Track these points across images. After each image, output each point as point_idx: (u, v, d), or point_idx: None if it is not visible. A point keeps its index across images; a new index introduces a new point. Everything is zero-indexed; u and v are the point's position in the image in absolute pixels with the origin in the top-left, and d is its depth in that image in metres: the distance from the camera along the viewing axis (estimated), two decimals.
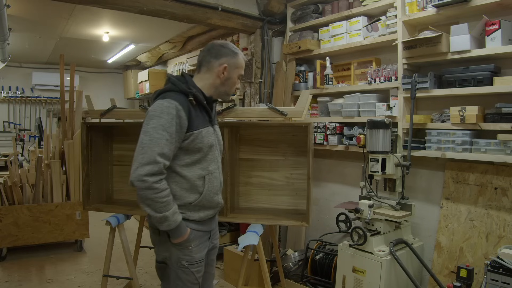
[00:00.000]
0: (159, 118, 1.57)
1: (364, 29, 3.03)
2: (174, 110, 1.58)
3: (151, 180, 1.52)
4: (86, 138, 2.66)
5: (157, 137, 1.54)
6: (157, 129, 1.55)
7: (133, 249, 2.91)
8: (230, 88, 1.79)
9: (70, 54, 6.05)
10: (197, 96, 1.67)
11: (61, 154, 4.23)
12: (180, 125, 1.61)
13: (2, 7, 3.47)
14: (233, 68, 1.76)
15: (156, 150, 1.53)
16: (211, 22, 3.72)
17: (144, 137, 1.56)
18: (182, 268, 1.69)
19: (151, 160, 1.52)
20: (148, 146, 1.54)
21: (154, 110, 1.59)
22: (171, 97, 1.61)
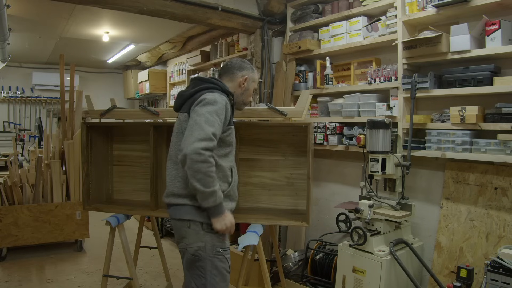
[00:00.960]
0: (213, 105, 1.73)
1: (364, 29, 3.03)
2: (224, 102, 1.79)
3: (207, 154, 1.63)
4: (86, 138, 2.66)
5: (211, 119, 1.69)
6: (212, 113, 1.71)
7: (133, 249, 2.91)
8: (246, 98, 2.05)
9: (70, 54, 6.05)
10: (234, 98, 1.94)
11: (61, 154, 4.23)
12: (226, 116, 1.79)
13: (2, 7, 3.47)
14: (251, 81, 2.02)
15: (211, 129, 1.66)
16: (211, 22, 3.72)
17: (199, 118, 1.69)
18: (218, 255, 1.79)
19: (207, 137, 1.64)
20: (204, 125, 1.67)
21: (207, 101, 1.75)
22: (219, 93, 1.83)
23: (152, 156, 2.53)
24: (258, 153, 2.66)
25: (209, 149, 1.65)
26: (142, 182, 2.82)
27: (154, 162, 2.54)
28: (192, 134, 1.65)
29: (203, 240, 1.75)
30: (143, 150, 2.80)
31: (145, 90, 6.82)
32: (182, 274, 3.55)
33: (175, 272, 3.58)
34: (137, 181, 2.86)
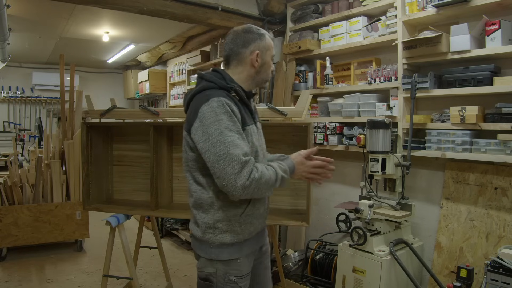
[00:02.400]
0: (218, 122, 1.39)
1: (364, 29, 3.03)
2: (226, 107, 1.42)
3: (252, 177, 1.38)
4: (86, 138, 2.66)
5: (229, 140, 1.38)
6: (224, 133, 1.38)
7: (133, 249, 2.91)
8: (267, 73, 1.63)
9: (70, 54, 6.05)
10: (239, 91, 1.52)
11: (61, 154, 4.23)
12: (237, 120, 1.45)
13: (2, 7, 3.47)
14: (265, 51, 1.58)
15: (238, 152, 1.37)
16: (211, 22, 3.72)
17: (217, 149, 1.38)
18: (230, 283, 1.54)
19: (242, 164, 1.37)
20: (228, 153, 1.37)
21: (208, 117, 1.40)
22: (214, 95, 1.44)
23: (152, 156, 2.53)
24: None
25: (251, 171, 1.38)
26: (142, 182, 2.82)
27: (154, 162, 2.54)
28: (226, 172, 1.36)
29: (215, 266, 1.54)
30: (143, 150, 2.80)
31: (145, 90, 6.82)
32: (182, 274, 3.56)
33: (175, 272, 3.58)
34: (137, 181, 2.86)
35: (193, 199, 1.56)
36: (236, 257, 1.54)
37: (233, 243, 1.53)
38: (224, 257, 1.53)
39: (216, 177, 1.40)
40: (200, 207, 1.54)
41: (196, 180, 1.54)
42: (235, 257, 1.54)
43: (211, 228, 1.52)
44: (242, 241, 1.55)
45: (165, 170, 2.71)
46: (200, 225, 1.55)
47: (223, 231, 1.52)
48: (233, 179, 1.36)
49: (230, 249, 1.53)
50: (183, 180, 2.78)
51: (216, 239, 1.52)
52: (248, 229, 1.56)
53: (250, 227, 1.57)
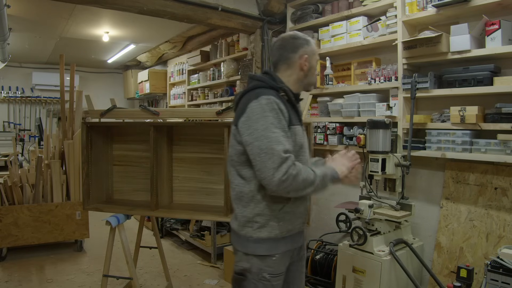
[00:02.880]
0: (265, 118, 1.46)
1: (364, 29, 3.03)
2: (274, 105, 1.49)
3: (289, 172, 1.42)
4: (86, 138, 2.66)
5: (273, 136, 1.44)
6: (269, 129, 1.45)
7: (133, 249, 2.91)
8: (314, 77, 1.71)
9: (70, 54, 6.05)
10: (288, 92, 1.60)
11: (61, 154, 4.23)
12: (284, 118, 1.51)
13: (2, 7, 3.47)
14: (312, 56, 1.67)
15: (280, 148, 1.43)
16: (211, 22, 3.72)
17: (260, 143, 1.44)
18: (263, 280, 1.57)
19: (282, 160, 1.42)
20: (270, 147, 1.42)
21: (256, 113, 1.47)
22: (264, 93, 1.51)
23: (152, 156, 2.53)
24: None
25: (289, 167, 1.42)
26: (142, 182, 2.82)
27: (154, 162, 2.54)
28: (266, 166, 1.42)
29: (250, 262, 1.57)
30: (143, 150, 2.79)
31: (145, 90, 6.82)
32: (182, 274, 3.56)
33: (175, 272, 3.58)
34: (137, 181, 2.85)
35: (235, 192, 1.62)
36: (272, 253, 1.56)
37: (270, 238, 1.55)
38: (260, 251, 1.55)
39: (256, 169, 1.47)
40: (240, 200, 1.59)
41: (239, 173, 1.59)
42: (271, 253, 1.56)
43: (250, 221, 1.56)
44: (279, 237, 1.57)
45: (165, 170, 2.72)
46: (239, 219, 1.59)
47: (261, 226, 1.55)
48: (271, 172, 1.42)
49: (266, 244, 1.56)
50: (183, 180, 2.78)
51: (253, 233, 1.55)
52: (286, 227, 1.58)
53: (289, 225, 1.59)
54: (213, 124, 2.71)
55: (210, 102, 5.36)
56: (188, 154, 2.76)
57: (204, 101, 5.48)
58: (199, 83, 5.62)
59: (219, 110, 2.38)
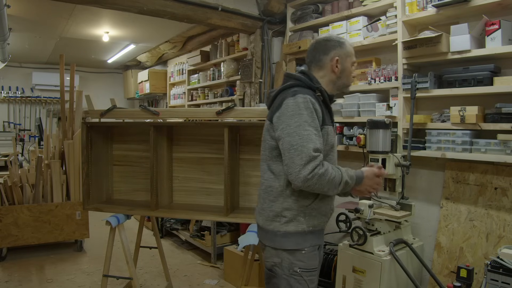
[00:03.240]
0: (299, 115, 1.50)
1: (364, 29, 3.03)
2: (310, 104, 1.52)
3: (316, 171, 1.45)
4: (86, 138, 2.66)
5: (305, 134, 1.47)
6: (302, 126, 1.48)
7: (133, 249, 2.91)
8: (347, 79, 1.72)
9: (70, 54, 6.05)
10: (323, 92, 1.63)
11: (61, 154, 4.23)
12: (318, 118, 1.54)
13: (2, 7, 3.47)
14: (345, 58, 1.68)
15: (310, 146, 1.46)
16: (211, 22, 3.73)
17: (293, 139, 1.47)
18: (295, 275, 1.56)
19: (310, 157, 1.45)
20: (300, 144, 1.46)
21: (291, 109, 1.52)
22: (301, 92, 1.56)
23: (152, 156, 2.53)
24: (258, 153, 2.63)
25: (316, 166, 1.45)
26: (142, 182, 2.82)
27: (154, 162, 2.54)
28: (294, 162, 1.45)
29: (280, 256, 1.58)
30: (143, 150, 2.80)
31: (145, 90, 6.83)
32: (182, 274, 3.56)
33: (175, 272, 3.58)
34: (137, 181, 2.85)
35: (264, 186, 1.66)
36: (301, 247, 1.57)
37: (297, 232, 1.57)
38: (288, 246, 1.57)
39: (285, 164, 1.50)
40: (269, 195, 1.63)
41: (270, 168, 1.64)
42: (300, 247, 1.57)
43: (278, 216, 1.59)
44: (306, 231, 1.59)
45: (165, 170, 2.72)
46: (266, 213, 1.63)
47: (289, 220, 1.57)
48: (298, 169, 1.45)
49: (294, 238, 1.57)
50: (183, 180, 2.78)
51: (281, 227, 1.58)
52: (312, 222, 1.60)
53: (314, 220, 1.61)
54: (213, 124, 2.71)
55: (210, 102, 5.36)
56: (188, 154, 2.76)
57: (204, 101, 5.48)
58: (199, 83, 5.62)
59: (219, 110, 2.38)
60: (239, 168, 2.66)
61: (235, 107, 2.41)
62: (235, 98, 4.61)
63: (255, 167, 2.67)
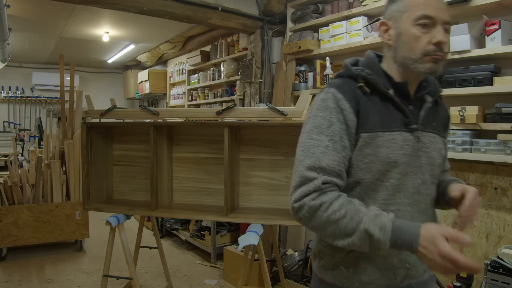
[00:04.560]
0: (313, 118, 1.07)
1: (364, 29, 3.03)
2: (331, 102, 1.04)
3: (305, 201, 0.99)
4: (86, 138, 2.66)
5: (309, 144, 1.04)
6: (311, 133, 1.05)
7: (133, 249, 2.91)
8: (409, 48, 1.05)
9: (70, 54, 6.05)
10: (371, 79, 1.06)
11: (61, 154, 4.23)
12: (346, 121, 1.03)
13: (2, 7, 3.47)
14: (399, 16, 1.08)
15: (306, 163, 1.02)
16: (211, 22, 3.73)
17: (298, 149, 1.08)
18: None
19: (301, 180, 1.01)
20: (299, 159, 1.05)
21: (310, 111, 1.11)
22: (332, 84, 1.09)
23: (152, 156, 2.53)
24: (258, 153, 2.66)
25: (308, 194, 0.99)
26: (142, 182, 2.82)
27: (154, 162, 2.54)
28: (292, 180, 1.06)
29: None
30: (143, 150, 2.80)
31: (145, 90, 6.83)
32: (182, 274, 3.56)
33: (175, 272, 3.58)
34: (137, 181, 2.86)
35: None
36: None
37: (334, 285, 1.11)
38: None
39: None
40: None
41: None
42: None
43: (316, 255, 1.18)
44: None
45: (165, 170, 2.72)
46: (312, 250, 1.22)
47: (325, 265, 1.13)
48: (291, 191, 1.04)
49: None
50: (183, 180, 2.78)
51: (317, 270, 1.17)
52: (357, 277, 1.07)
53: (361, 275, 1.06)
54: (213, 124, 2.71)
55: (210, 102, 5.36)
56: (188, 154, 2.76)
57: (204, 101, 5.48)
58: (199, 83, 5.62)
59: (219, 110, 2.38)
60: (239, 168, 2.66)
61: (235, 107, 2.41)
62: (235, 98, 4.61)
63: (255, 167, 2.66)
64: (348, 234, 0.95)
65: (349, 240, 0.96)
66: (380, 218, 0.94)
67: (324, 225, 0.98)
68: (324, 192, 0.99)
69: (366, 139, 1.04)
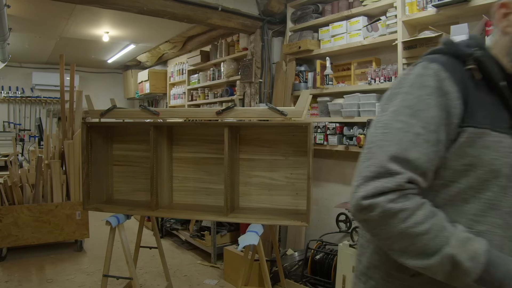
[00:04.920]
0: (405, 95, 0.83)
1: (364, 29, 3.03)
2: (432, 80, 0.82)
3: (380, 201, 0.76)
4: (86, 138, 2.66)
5: (396, 127, 0.81)
6: (399, 113, 0.82)
7: (133, 249, 2.91)
8: None
9: (70, 54, 6.05)
10: (487, 64, 0.84)
11: (61, 154, 4.23)
12: (448, 108, 0.81)
13: (2, 7, 3.48)
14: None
15: (390, 149, 0.79)
16: (211, 22, 3.73)
17: (375, 131, 0.84)
18: None
19: (380, 171, 0.78)
20: (378, 143, 0.81)
21: (397, 85, 0.87)
22: (432, 59, 0.85)
23: (152, 156, 2.53)
24: (258, 153, 2.66)
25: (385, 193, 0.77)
26: (142, 182, 2.82)
27: (154, 162, 2.54)
28: (359, 169, 0.83)
29: None
30: (143, 150, 2.80)
31: (145, 90, 6.83)
32: (182, 274, 3.56)
33: (175, 272, 3.58)
34: (137, 181, 2.86)
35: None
36: None
37: None
38: None
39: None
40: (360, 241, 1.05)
41: None
42: None
43: (363, 274, 1.00)
44: None
45: (165, 170, 2.72)
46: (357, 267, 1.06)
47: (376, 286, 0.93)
48: (357, 183, 0.81)
49: None
50: (183, 180, 2.78)
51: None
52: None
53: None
54: (213, 124, 2.71)
55: (210, 102, 5.36)
56: (188, 154, 2.76)
57: (204, 101, 5.48)
58: (199, 83, 5.62)
59: (219, 110, 2.38)
60: (239, 168, 2.66)
61: (235, 107, 2.41)
62: (235, 98, 4.61)
63: (255, 167, 2.66)
64: (426, 254, 0.75)
65: (424, 262, 0.76)
66: (472, 244, 0.75)
67: (396, 237, 0.77)
68: (406, 194, 0.77)
69: (472, 135, 0.80)
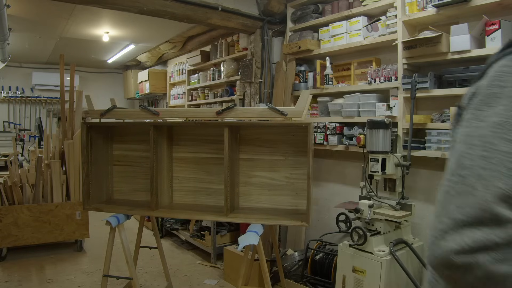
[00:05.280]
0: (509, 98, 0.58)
1: (364, 29, 3.03)
2: None
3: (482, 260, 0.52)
4: (86, 138, 2.66)
5: (505, 150, 0.55)
6: (505, 129, 0.56)
7: (133, 249, 2.91)
8: None
9: (70, 54, 6.05)
10: None
11: (61, 154, 4.23)
12: None
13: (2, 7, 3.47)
14: None
15: (498, 185, 0.54)
16: (211, 22, 3.73)
17: (469, 148, 0.60)
18: None
19: (483, 214, 0.53)
20: (477, 172, 0.56)
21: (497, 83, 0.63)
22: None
23: (152, 156, 2.53)
24: (258, 153, 2.66)
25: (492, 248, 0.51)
26: (142, 182, 2.82)
27: (154, 162, 2.54)
28: (445, 208, 0.57)
29: None
30: (143, 150, 2.80)
31: (145, 90, 6.83)
32: (182, 274, 3.56)
33: (175, 272, 3.58)
34: (137, 181, 2.86)
35: None
36: None
37: None
38: None
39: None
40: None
41: None
42: None
43: None
44: None
45: (165, 170, 2.72)
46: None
47: None
48: (443, 229, 0.56)
49: None
50: (183, 180, 2.78)
51: None
52: None
53: None
54: (213, 124, 2.71)
55: (210, 102, 5.36)
56: (188, 154, 2.76)
57: (204, 101, 5.48)
58: (199, 83, 5.62)
59: (219, 110, 2.38)
60: (239, 168, 2.66)
61: (235, 107, 2.41)
62: (235, 98, 4.61)
63: (255, 167, 2.66)
64: None
65: None
66: None
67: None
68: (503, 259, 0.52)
69: None
